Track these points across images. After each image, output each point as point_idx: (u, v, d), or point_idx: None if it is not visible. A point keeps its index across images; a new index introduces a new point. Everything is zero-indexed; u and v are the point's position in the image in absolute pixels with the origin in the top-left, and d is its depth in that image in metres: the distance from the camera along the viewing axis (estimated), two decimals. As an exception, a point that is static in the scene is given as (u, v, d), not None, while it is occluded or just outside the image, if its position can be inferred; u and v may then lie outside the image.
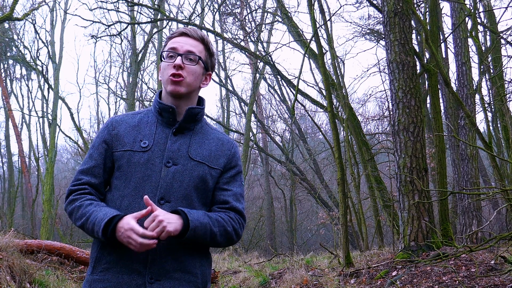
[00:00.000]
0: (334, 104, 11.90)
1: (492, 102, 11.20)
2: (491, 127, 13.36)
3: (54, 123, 18.67)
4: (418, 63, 8.55)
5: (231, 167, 1.86)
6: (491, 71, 11.73)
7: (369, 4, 11.32)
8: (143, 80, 22.52)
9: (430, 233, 6.38)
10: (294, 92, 11.14)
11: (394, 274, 5.80)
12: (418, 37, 13.12)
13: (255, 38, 17.22)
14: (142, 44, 20.30)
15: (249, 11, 17.95)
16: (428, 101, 13.26)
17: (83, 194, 1.75)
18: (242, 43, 17.70)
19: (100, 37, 16.25)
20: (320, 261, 8.81)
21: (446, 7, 15.80)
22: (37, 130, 38.43)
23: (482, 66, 11.66)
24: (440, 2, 10.62)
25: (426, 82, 10.81)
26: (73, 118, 19.47)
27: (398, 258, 6.29)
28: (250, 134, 19.12)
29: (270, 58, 13.57)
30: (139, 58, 18.65)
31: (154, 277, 1.67)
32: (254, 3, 18.76)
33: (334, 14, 11.55)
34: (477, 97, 10.49)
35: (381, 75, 14.31)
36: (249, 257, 12.51)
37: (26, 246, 6.87)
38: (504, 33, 11.79)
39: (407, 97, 6.83)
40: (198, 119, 1.85)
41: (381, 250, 8.90)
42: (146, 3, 16.48)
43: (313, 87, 22.83)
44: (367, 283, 5.89)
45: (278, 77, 17.65)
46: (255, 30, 16.94)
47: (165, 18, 15.63)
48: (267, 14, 18.11)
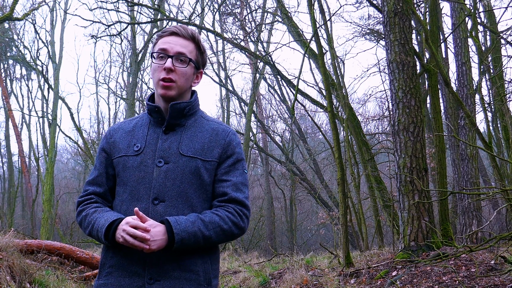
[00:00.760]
0: (334, 104, 11.90)
1: (492, 102, 11.19)
2: (491, 127, 13.36)
3: (54, 123, 18.67)
4: (418, 63, 8.55)
5: (228, 156, 1.80)
6: (491, 71, 11.72)
7: (369, 4, 11.32)
8: (143, 80, 22.55)
9: (430, 233, 6.38)
10: (294, 92, 11.14)
11: (394, 274, 5.80)
12: (418, 37, 13.12)
13: (255, 38, 17.22)
14: (142, 44, 20.32)
15: (249, 11, 17.96)
16: (428, 101, 13.26)
17: (89, 204, 1.80)
18: (242, 43, 17.70)
19: (100, 37, 16.24)
20: (320, 261, 8.81)
21: (446, 7, 15.83)
22: (37, 130, 38.51)
23: (482, 66, 11.66)
24: (440, 2, 10.62)
25: (426, 82, 10.81)
26: (73, 118, 19.46)
27: (398, 258, 6.29)
28: (250, 134, 19.13)
29: (270, 58, 13.56)
30: (139, 58, 18.65)
31: (154, 277, 1.67)
32: (254, 3, 18.77)
33: (334, 14, 11.55)
34: (477, 97, 10.49)
35: (381, 75, 14.31)
36: (249, 257, 12.51)
37: (26, 246, 6.87)
38: (504, 33, 11.78)
39: (407, 97, 6.83)
40: (188, 114, 1.82)
41: (381, 250, 8.90)
42: (146, 3, 16.50)
43: (313, 87, 22.85)
44: (367, 283, 5.89)
45: (278, 77, 17.65)
46: (255, 30, 16.94)
47: (165, 18, 15.63)
48: (267, 14, 18.12)
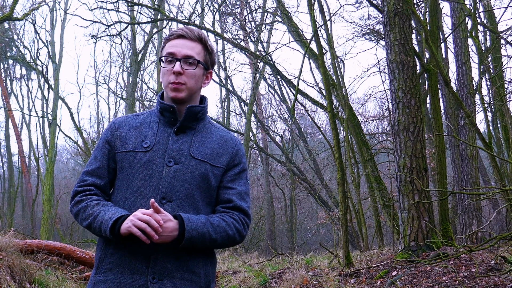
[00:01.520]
0: (334, 104, 11.90)
1: (492, 102, 11.19)
2: (491, 127, 13.36)
3: (54, 123, 18.67)
4: (418, 63, 8.55)
5: (235, 165, 1.83)
6: (491, 71, 11.72)
7: (369, 4, 11.32)
8: (143, 80, 22.56)
9: (430, 233, 6.38)
10: (294, 92, 11.15)
11: (394, 274, 5.80)
12: (418, 37, 13.12)
13: (255, 38, 17.22)
14: (142, 44, 20.31)
15: (249, 11, 17.95)
16: (428, 101, 13.26)
17: (89, 195, 1.75)
18: (242, 43, 17.70)
19: (100, 37, 16.26)
20: (320, 261, 8.81)
21: (446, 7, 15.80)
22: (37, 130, 38.46)
23: (482, 66, 11.66)
24: (440, 2, 10.61)
25: (426, 82, 10.81)
26: (73, 118, 19.47)
27: (398, 258, 6.29)
28: (250, 134, 19.12)
29: (270, 58, 13.56)
30: (139, 58, 18.65)
31: (157, 276, 1.66)
32: (254, 3, 18.76)
33: (334, 14, 11.57)
34: (477, 97, 10.49)
35: (381, 75, 14.30)
36: (249, 257, 12.51)
37: (26, 246, 6.87)
38: (504, 33, 11.78)
39: (407, 97, 6.83)
40: (200, 118, 1.84)
41: (381, 250, 8.90)
42: (146, 3, 16.49)
43: (313, 87, 22.86)
44: (367, 283, 5.89)
45: (278, 77, 17.65)
46: (255, 30, 16.94)
47: (165, 18, 15.63)
48: (267, 14, 18.12)
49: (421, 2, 11.11)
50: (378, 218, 10.80)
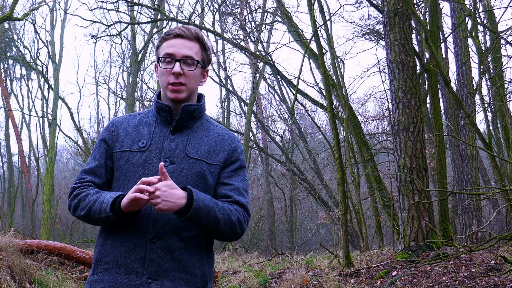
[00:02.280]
0: (334, 104, 11.90)
1: (492, 102, 11.19)
2: (491, 127, 13.36)
3: (54, 123, 18.67)
4: (418, 63, 8.54)
5: (232, 162, 1.83)
6: (491, 71, 11.72)
7: (369, 4, 11.32)
8: (143, 80, 22.54)
9: (430, 233, 6.38)
10: (294, 92, 11.14)
11: (394, 274, 5.80)
12: (418, 37, 13.12)
13: (255, 38, 17.23)
14: (142, 44, 20.30)
15: (249, 11, 17.96)
16: (428, 101, 13.26)
17: (89, 188, 1.76)
18: (242, 43, 17.70)
19: (100, 37, 16.26)
20: (320, 261, 8.81)
21: (446, 7, 15.80)
22: (37, 130, 38.44)
23: (482, 66, 11.66)
24: (440, 2, 10.61)
25: (426, 82, 10.81)
26: (73, 118, 19.47)
27: (398, 258, 6.29)
28: (250, 134, 19.12)
29: (270, 58, 13.56)
30: (139, 58, 18.65)
31: (152, 276, 1.66)
32: (254, 3, 18.77)
33: (334, 14, 11.57)
34: (477, 97, 10.49)
35: (381, 75, 14.31)
36: (249, 257, 12.51)
37: (26, 246, 6.86)
38: (504, 33, 11.78)
39: (407, 97, 6.83)
40: (196, 116, 1.83)
41: (381, 250, 8.90)
42: (146, 3, 16.50)
43: (313, 87, 22.83)
44: (367, 283, 5.89)
45: (278, 77, 17.65)
46: (255, 30, 16.94)
47: (165, 18, 15.64)
48: (267, 14, 18.12)
49: (421, 2, 11.11)
50: (378, 218, 10.80)
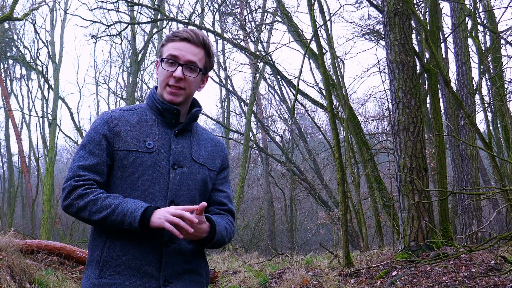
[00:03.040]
0: (334, 104, 11.90)
1: (492, 102, 11.18)
2: (491, 127, 13.36)
3: (54, 123, 18.67)
4: (418, 63, 8.55)
5: (224, 168, 1.93)
6: (491, 71, 11.71)
7: (369, 4, 11.32)
8: (143, 80, 22.56)
9: (430, 233, 6.38)
10: (294, 92, 11.14)
11: (394, 274, 5.80)
12: (418, 37, 13.12)
13: (255, 38, 17.23)
14: (142, 44, 20.32)
15: (249, 11, 17.96)
16: (428, 101, 13.26)
17: (94, 189, 1.65)
18: (242, 43, 17.70)
19: (100, 37, 16.25)
20: (320, 261, 8.81)
21: (446, 7, 15.80)
22: (37, 130, 38.45)
23: (482, 66, 11.66)
24: (440, 2, 10.62)
25: (426, 82, 10.80)
26: (73, 118, 19.49)
27: (398, 258, 6.29)
28: (250, 134, 19.12)
29: (270, 58, 13.55)
30: (139, 58, 18.65)
31: (168, 280, 1.67)
32: (254, 3, 18.78)
33: (334, 14, 11.56)
34: (477, 97, 10.49)
35: (381, 75, 14.31)
36: (249, 257, 12.51)
37: (26, 246, 6.86)
38: (504, 33, 11.78)
39: (407, 97, 6.83)
40: (196, 120, 1.89)
41: (381, 250, 8.90)
42: (146, 3, 16.51)
43: (313, 87, 22.81)
44: (367, 283, 5.89)
45: (278, 77, 17.66)
46: (255, 30, 16.95)
47: (165, 18, 15.64)
48: (267, 14, 18.13)
49: (421, 2, 11.11)
50: (378, 218, 10.80)
